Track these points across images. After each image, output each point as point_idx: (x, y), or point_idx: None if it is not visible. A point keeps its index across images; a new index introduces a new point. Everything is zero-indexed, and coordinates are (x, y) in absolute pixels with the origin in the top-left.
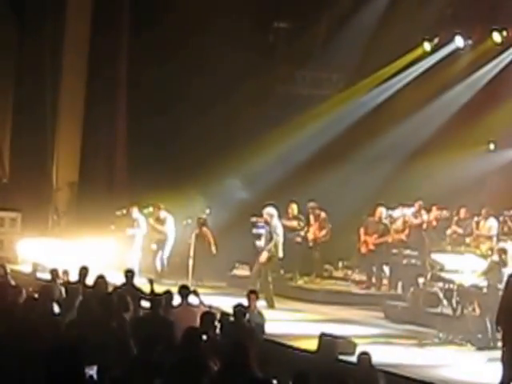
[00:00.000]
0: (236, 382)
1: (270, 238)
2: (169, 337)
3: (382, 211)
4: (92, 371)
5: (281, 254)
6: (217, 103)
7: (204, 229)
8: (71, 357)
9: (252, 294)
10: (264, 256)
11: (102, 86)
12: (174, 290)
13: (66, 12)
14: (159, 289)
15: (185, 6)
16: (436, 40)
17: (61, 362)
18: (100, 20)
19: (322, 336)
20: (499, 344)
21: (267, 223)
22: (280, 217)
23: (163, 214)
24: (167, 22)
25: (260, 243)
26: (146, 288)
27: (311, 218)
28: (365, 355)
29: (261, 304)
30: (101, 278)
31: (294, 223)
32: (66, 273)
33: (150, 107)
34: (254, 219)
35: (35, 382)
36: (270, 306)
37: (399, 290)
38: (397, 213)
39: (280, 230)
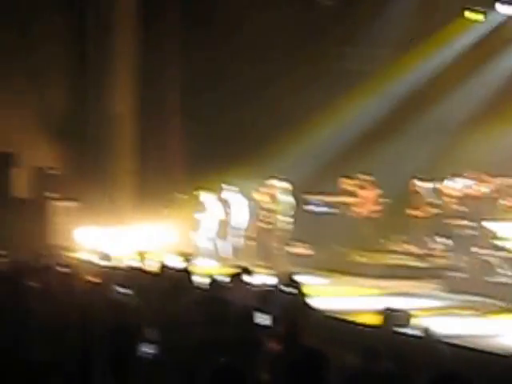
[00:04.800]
0: (290, 360)
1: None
2: (226, 316)
3: (415, 183)
4: (150, 350)
5: (284, 227)
6: (269, 81)
7: None
8: (128, 336)
9: None
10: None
11: (155, 71)
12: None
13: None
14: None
15: None
16: (479, 8)
17: (118, 341)
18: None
19: (385, 310)
20: None
21: (271, 196)
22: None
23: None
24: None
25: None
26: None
27: (362, 191)
28: (427, 327)
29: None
30: (161, 262)
31: (349, 199)
32: (124, 259)
33: (204, 92)
34: (306, 197)
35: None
36: None
37: (456, 261)
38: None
39: (284, 203)
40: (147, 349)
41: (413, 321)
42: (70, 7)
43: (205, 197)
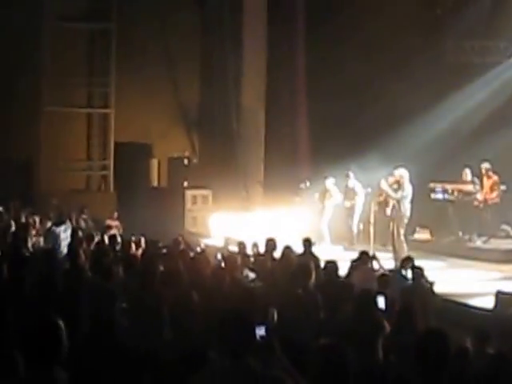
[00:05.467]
0: (403, 342)
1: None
2: (348, 300)
3: None
4: (261, 332)
5: (407, 214)
6: (389, 73)
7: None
8: (250, 320)
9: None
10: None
11: (282, 63)
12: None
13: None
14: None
15: None
16: None
17: (241, 325)
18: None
19: (498, 293)
20: None
21: (399, 184)
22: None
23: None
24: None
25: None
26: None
27: (484, 179)
28: None
29: None
30: (287, 248)
31: (470, 187)
32: (255, 245)
33: (329, 86)
34: (431, 185)
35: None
36: None
37: None
38: None
39: (408, 190)
40: (264, 331)
41: None
42: None
43: (330, 184)
